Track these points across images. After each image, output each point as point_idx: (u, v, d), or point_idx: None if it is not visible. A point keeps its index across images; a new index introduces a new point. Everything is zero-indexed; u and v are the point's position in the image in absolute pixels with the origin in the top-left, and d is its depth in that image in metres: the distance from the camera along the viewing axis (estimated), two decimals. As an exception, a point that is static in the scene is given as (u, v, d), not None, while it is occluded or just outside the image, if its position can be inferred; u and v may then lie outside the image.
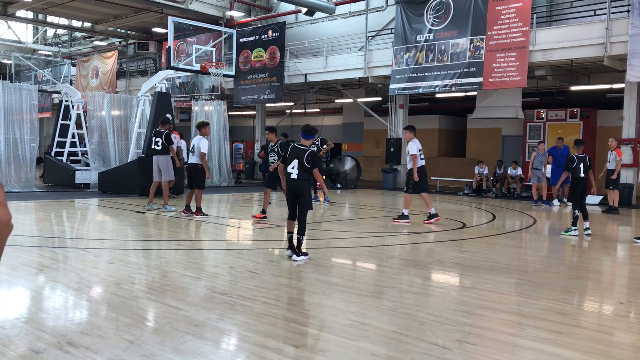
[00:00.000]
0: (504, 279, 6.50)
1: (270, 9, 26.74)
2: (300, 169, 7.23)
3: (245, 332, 4.37)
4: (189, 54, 20.26)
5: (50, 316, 4.71)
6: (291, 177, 7.28)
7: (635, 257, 8.66)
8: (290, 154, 7.33)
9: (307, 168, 7.22)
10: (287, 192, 7.45)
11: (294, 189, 7.30)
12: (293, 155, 7.30)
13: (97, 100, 18.75)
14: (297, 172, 7.24)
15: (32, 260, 6.91)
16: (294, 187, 7.29)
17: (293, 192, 7.31)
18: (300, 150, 7.29)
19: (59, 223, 10.68)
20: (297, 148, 7.34)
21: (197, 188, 11.37)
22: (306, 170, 7.24)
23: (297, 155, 7.26)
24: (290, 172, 7.28)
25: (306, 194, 7.31)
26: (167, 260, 7.20)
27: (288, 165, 7.32)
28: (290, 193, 7.35)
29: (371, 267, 7.10)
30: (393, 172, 22.25)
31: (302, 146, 7.35)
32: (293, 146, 7.41)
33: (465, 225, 11.60)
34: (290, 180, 7.30)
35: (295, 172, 7.25)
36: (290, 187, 7.33)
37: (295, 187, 7.28)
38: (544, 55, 17.28)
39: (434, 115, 26.35)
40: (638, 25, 15.32)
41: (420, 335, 4.36)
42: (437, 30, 19.55)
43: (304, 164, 7.21)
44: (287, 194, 7.46)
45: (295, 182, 7.27)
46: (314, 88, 25.54)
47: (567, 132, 19.14)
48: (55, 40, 39.12)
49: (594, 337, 4.47)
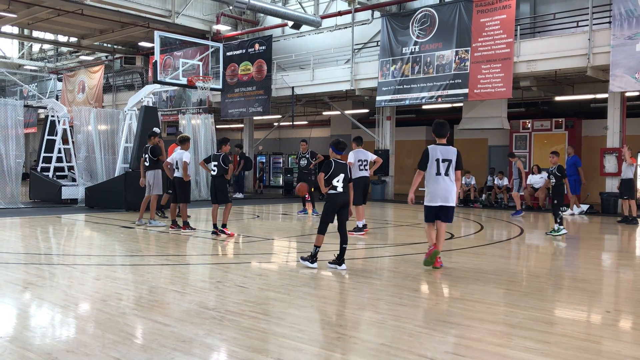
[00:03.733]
0: (492, 290, 6.51)
1: (256, 23, 26.84)
2: (345, 182, 7.62)
3: (234, 347, 4.35)
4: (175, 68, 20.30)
5: (36, 334, 4.65)
6: (338, 190, 7.58)
7: (622, 266, 8.73)
8: (336, 169, 7.60)
9: (349, 181, 7.69)
10: (332, 206, 7.62)
11: (341, 202, 7.61)
12: (339, 170, 7.61)
13: (83, 115, 18.66)
14: (342, 185, 7.60)
15: (17, 277, 6.84)
16: (342, 200, 7.61)
17: (340, 205, 7.61)
18: (344, 166, 7.72)
19: (45, 239, 10.59)
20: (340, 163, 7.69)
21: (181, 202, 11.33)
22: (348, 183, 7.69)
23: (343, 170, 7.63)
24: (336, 185, 7.58)
25: (348, 205, 7.73)
26: (154, 276, 7.15)
27: (332, 179, 7.57)
28: (336, 206, 7.61)
29: (360, 279, 7.10)
30: (381, 183, 22.30)
31: (342, 161, 7.79)
32: (337, 162, 7.68)
33: (453, 236, 11.63)
34: (339, 194, 7.59)
35: (341, 185, 7.60)
36: (338, 200, 7.59)
37: (343, 200, 7.61)
38: (528, 66, 17.48)
39: (420, 127, 26.50)
40: (620, 36, 15.56)
41: (409, 348, 4.36)
42: (422, 43, 19.72)
43: (349, 178, 7.66)
44: (332, 207, 7.63)
45: (343, 195, 7.61)
46: (301, 101, 25.61)
47: (552, 142, 19.31)
48: (41, 55, 38.97)
49: (582, 347, 4.49)
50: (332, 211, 7.62)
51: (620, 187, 14.43)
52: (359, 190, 11.24)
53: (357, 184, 11.20)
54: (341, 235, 7.61)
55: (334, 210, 7.62)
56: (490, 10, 18.05)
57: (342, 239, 7.59)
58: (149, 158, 12.06)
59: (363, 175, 11.34)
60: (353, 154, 11.33)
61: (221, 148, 10.91)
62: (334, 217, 7.64)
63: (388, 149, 22.32)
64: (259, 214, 16.30)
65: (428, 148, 7.81)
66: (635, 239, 12.06)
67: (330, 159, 7.78)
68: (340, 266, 7.54)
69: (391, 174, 22.50)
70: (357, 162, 11.24)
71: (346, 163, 7.85)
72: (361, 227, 11.28)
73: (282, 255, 9.26)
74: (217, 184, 10.79)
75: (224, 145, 10.94)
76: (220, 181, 10.78)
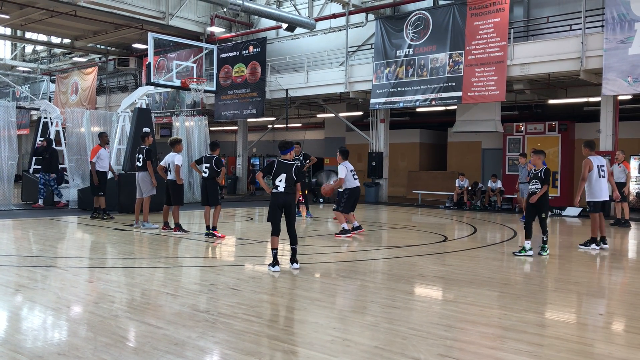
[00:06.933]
0: (486, 292, 6.52)
1: (251, 25, 26.83)
2: (287, 182, 7.52)
3: (227, 350, 4.33)
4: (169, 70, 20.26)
5: (28, 337, 4.62)
6: (279, 190, 7.54)
7: (615, 268, 8.76)
8: (278, 168, 7.57)
9: (294, 181, 7.58)
10: (272, 205, 7.64)
11: (282, 202, 7.55)
12: (280, 169, 7.55)
13: (76, 117, 18.58)
14: (284, 185, 7.52)
15: (9, 280, 6.79)
16: (282, 200, 7.54)
17: (281, 205, 7.57)
18: (287, 165, 7.59)
19: (37, 241, 10.52)
20: (283, 163, 7.61)
21: (174, 204, 11.32)
22: (293, 184, 7.59)
23: (285, 170, 7.54)
24: (278, 185, 7.54)
25: (293, 206, 7.69)
26: (146, 278, 7.12)
27: (275, 179, 7.57)
28: (278, 206, 7.58)
29: (353, 282, 7.09)
30: (375, 186, 22.31)
31: (287, 161, 7.67)
32: (279, 161, 7.64)
33: (446, 238, 11.65)
34: (279, 194, 7.55)
35: (283, 185, 7.52)
36: (278, 200, 7.57)
37: (283, 200, 7.55)
38: (521, 69, 17.55)
39: (414, 129, 26.57)
40: (612, 40, 15.64)
41: (402, 350, 4.35)
42: (416, 46, 19.76)
43: (292, 177, 7.55)
44: (272, 207, 7.65)
45: (284, 195, 7.54)
46: (295, 103, 25.61)
47: (546, 145, 19.38)
48: (34, 57, 38.80)
49: (574, 349, 4.49)
50: (272, 211, 7.63)
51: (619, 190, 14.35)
52: (352, 200, 11.37)
53: (354, 193, 11.35)
54: (290, 236, 7.68)
55: (274, 210, 7.61)
56: (484, 13, 18.11)
57: (291, 240, 7.68)
58: (142, 159, 12.02)
59: (358, 186, 11.56)
60: (344, 167, 11.40)
61: (215, 151, 11.00)
62: (278, 217, 7.62)
63: (382, 152, 22.33)
64: (252, 216, 16.26)
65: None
66: (627, 241, 12.11)
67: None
68: (293, 266, 7.63)
69: (385, 177, 22.51)
70: (350, 173, 11.34)
71: (291, 163, 7.67)
72: (348, 230, 11.30)
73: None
74: (209, 186, 10.83)
75: (217, 149, 11.07)
76: (212, 183, 10.83)
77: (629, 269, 8.82)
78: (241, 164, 27.58)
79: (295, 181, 7.60)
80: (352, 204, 11.51)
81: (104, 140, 13.86)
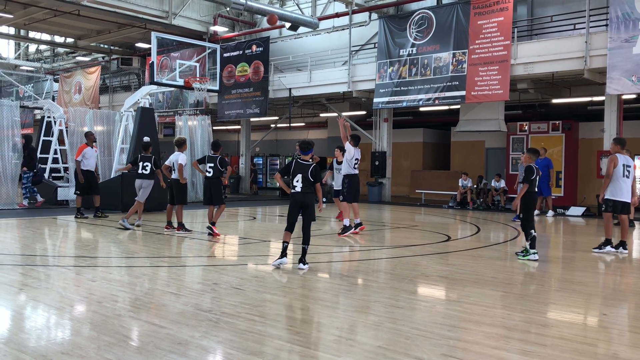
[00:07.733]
0: (489, 292, 6.51)
1: (254, 24, 26.82)
2: (303, 183, 7.61)
3: (230, 349, 4.33)
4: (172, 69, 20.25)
5: (31, 336, 4.63)
6: (296, 190, 7.65)
7: (618, 268, 8.73)
8: (295, 169, 7.68)
9: (311, 182, 7.64)
10: (291, 205, 7.78)
11: (299, 202, 7.65)
12: (297, 170, 7.66)
13: (79, 116, 18.61)
14: (301, 185, 7.62)
15: (12, 279, 6.80)
16: (300, 199, 7.64)
17: (299, 205, 7.67)
18: (304, 165, 7.68)
19: (41, 241, 10.54)
20: (300, 163, 7.72)
21: (179, 204, 11.33)
22: (310, 184, 7.65)
23: (302, 170, 7.64)
24: (295, 185, 7.66)
25: (311, 207, 7.72)
26: (150, 277, 7.13)
27: (292, 179, 7.68)
28: (296, 205, 7.70)
29: (356, 281, 7.08)
30: (378, 185, 22.30)
31: (305, 161, 7.76)
32: (297, 161, 7.76)
33: (450, 238, 11.63)
34: (296, 194, 7.67)
35: (300, 185, 7.62)
36: (296, 200, 7.69)
37: (301, 200, 7.65)
38: (525, 68, 17.50)
39: (418, 129, 26.54)
40: (616, 39, 15.60)
41: (406, 350, 4.34)
42: (420, 45, 19.73)
43: (308, 178, 7.62)
44: (290, 206, 7.79)
45: (301, 195, 7.63)
46: (298, 102, 25.60)
47: (549, 145, 19.34)
48: (38, 56, 38.88)
49: (578, 349, 4.48)
50: (290, 209, 7.76)
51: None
52: (353, 188, 11.33)
53: (353, 180, 11.33)
54: (303, 234, 7.76)
55: (292, 208, 7.74)
56: (488, 12, 18.07)
57: (303, 239, 7.75)
58: (150, 167, 11.98)
59: (357, 174, 11.56)
60: (354, 150, 11.42)
61: (217, 150, 11.02)
62: (294, 216, 7.74)
63: (385, 151, 22.32)
64: (255, 215, 16.27)
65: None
66: (632, 242, 12.07)
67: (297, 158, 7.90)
68: (299, 265, 7.64)
69: (388, 176, 22.49)
70: (353, 160, 11.32)
71: (308, 164, 7.70)
72: (350, 226, 11.26)
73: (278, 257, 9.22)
74: (213, 186, 10.84)
75: (220, 148, 11.14)
76: (216, 183, 10.84)
77: (633, 269, 8.80)
78: (244, 163, 27.58)
79: (313, 182, 7.64)
80: (353, 192, 11.44)
81: (90, 139, 13.90)
